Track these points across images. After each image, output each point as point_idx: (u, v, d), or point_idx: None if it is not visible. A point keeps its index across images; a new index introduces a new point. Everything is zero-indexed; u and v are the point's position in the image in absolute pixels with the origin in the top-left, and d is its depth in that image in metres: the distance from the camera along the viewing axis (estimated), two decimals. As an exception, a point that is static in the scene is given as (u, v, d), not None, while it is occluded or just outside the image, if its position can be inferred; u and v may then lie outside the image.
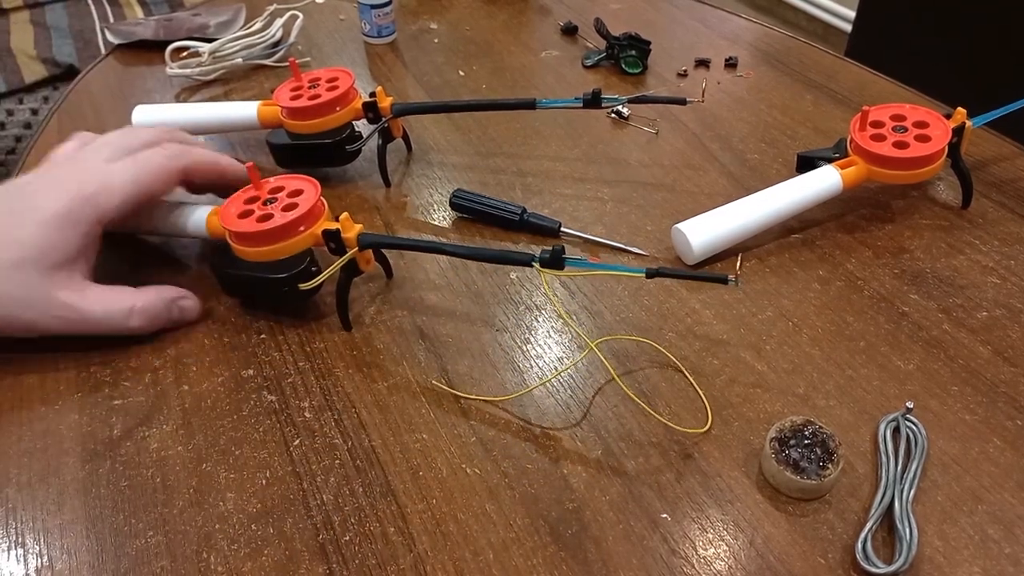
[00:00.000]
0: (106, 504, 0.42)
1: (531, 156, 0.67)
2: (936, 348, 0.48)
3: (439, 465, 0.43)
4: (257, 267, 0.49)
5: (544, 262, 0.43)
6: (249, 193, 0.51)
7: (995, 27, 1.11)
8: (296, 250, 0.49)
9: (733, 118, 0.71)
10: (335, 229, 0.48)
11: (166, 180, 0.52)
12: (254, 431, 0.45)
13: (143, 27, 0.89)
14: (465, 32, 0.89)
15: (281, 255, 0.49)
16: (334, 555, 0.39)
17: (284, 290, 0.49)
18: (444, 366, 0.48)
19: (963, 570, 0.37)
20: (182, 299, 0.51)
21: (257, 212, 0.49)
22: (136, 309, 0.49)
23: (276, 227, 0.48)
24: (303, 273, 0.49)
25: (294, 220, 0.48)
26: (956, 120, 0.56)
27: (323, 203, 0.50)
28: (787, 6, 2.46)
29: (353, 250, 0.48)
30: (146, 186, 0.50)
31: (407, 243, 0.49)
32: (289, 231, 0.48)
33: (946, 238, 0.56)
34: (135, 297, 0.49)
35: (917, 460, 0.41)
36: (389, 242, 0.50)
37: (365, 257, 0.50)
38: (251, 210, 0.50)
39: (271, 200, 0.50)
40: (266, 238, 0.48)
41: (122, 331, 0.49)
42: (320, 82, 0.63)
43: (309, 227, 0.49)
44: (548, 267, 0.43)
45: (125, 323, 0.49)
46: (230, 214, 0.50)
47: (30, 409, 0.47)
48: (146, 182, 0.50)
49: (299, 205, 0.49)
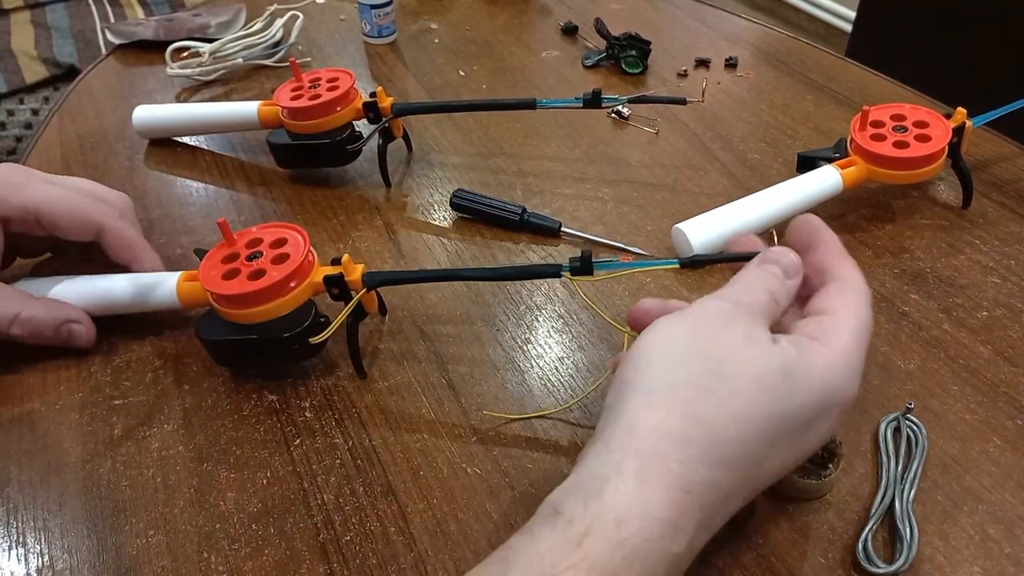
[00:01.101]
0: (107, 504, 0.42)
1: (531, 156, 0.67)
2: (936, 348, 0.48)
3: (440, 465, 0.43)
4: (254, 329, 0.45)
5: (575, 270, 0.41)
6: (224, 251, 0.46)
7: (995, 27, 1.11)
8: (297, 303, 0.45)
9: (733, 118, 0.71)
10: (338, 274, 0.45)
11: (78, 222, 0.50)
12: (255, 431, 0.45)
13: (144, 27, 0.89)
14: (465, 32, 0.89)
15: (282, 311, 0.44)
16: (335, 555, 0.39)
17: (294, 347, 0.45)
18: (444, 365, 0.48)
19: (963, 570, 0.37)
20: (73, 322, 0.49)
21: (244, 270, 0.45)
22: (21, 318, 0.48)
23: (273, 283, 0.44)
24: (312, 326, 0.45)
25: (291, 272, 0.44)
26: (956, 120, 0.56)
27: (312, 253, 0.46)
28: (788, 6, 2.46)
29: (360, 292, 0.45)
30: (57, 211, 0.49)
31: (418, 276, 0.46)
32: (287, 285, 0.44)
33: (946, 238, 0.56)
34: (23, 305, 0.48)
35: (917, 460, 0.41)
36: (398, 277, 0.46)
37: (370, 298, 0.46)
38: (236, 269, 0.45)
39: (255, 255, 0.46)
40: (263, 297, 0.44)
41: (2, 336, 0.48)
42: (321, 82, 0.63)
43: (305, 277, 0.45)
44: (579, 274, 0.41)
45: (6, 328, 0.48)
46: (213, 277, 0.45)
47: (31, 409, 0.47)
48: (59, 208, 0.50)
49: (290, 255, 0.45)
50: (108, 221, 0.51)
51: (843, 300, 0.35)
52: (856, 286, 0.36)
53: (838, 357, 0.33)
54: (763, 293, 0.35)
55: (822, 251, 0.37)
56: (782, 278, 0.36)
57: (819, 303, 0.36)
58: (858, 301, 0.35)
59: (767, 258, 0.37)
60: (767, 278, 0.36)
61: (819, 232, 0.38)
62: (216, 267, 0.46)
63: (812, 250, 0.38)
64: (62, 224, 0.50)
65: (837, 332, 0.34)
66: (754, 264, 0.37)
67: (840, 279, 0.36)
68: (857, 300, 0.35)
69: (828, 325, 0.34)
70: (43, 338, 0.49)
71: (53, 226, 0.50)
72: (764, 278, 0.36)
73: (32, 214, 0.49)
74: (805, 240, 0.38)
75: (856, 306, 0.35)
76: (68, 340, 0.49)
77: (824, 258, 0.37)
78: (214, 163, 0.69)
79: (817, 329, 0.34)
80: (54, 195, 0.50)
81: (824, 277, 0.37)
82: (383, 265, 0.56)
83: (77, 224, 0.50)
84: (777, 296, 0.35)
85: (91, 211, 0.51)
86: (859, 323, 0.34)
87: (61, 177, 0.53)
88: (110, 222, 0.51)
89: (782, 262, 0.36)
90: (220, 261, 0.46)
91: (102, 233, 0.51)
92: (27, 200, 0.49)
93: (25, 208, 0.49)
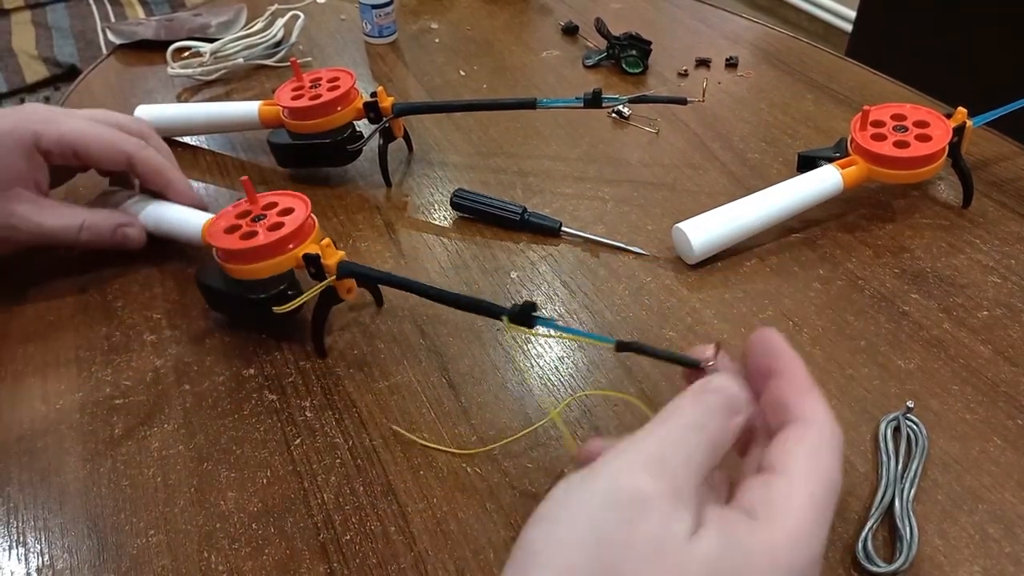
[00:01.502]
0: (107, 503, 0.42)
1: (532, 156, 0.67)
2: (937, 347, 0.48)
3: (440, 464, 0.43)
4: (238, 285, 0.48)
5: (514, 318, 0.40)
6: (242, 207, 0.50)
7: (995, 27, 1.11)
8: (276, 271, 0.47)
9: (734, 118, 0.71)
10: (315, 254, 0.46)
11: (108, 152, 0.55)
12: (255, 430, 0.45)
13: (144, 27, 0.89)
14: (466, 32, 0.89)
15: (261, 275, 0.47)
16: (335, 554, 0.39)
17: (259, 311, 0.48)
18: (445, 365, 0.48)
19: (963, 569, 0.37)
20: (127, 226, 0.55)
21: (244, 228, 0.48)
22: (86, 225, 0.54)
23: (257, 246, 0.46)
24: (279, 296, 0.47)
25: (276, 240, 0.46)
26: (957, 119, 0.56)
27: (313, 222, 0.49)
28: (788, 6, 2.46)
29: (330, 278, 0.47)
30: (88, 142, 0.54)
31: (387, 278, 0.47)
32: (270, 251, 0.47)
33: (947, 237, 0.56)
34: (86, 214, 0.54)
35: (917, 459, 0.41)
36: (368, 273, 0.47)
37: (346, 286, 0.48)
38: (239, 225, 0.48)
39: (260, 217, 0.49)
40: (247, 256, 0.47)
41: (72, 243, 0.54)
42: (321, 82, 0.63)
43: (293, 248, 0.47)
44: (516, 323, 0.40)
45: (76, 236, 0.54)
46: (218, 228, 0.49)
47: (31, 408, 0.47)
48: (90, 139, 0.54)
49: (285, 224, 0.47)
50: (137, 151, 0.55)
51: (801, 456, 0.28)
52: (820, 434, 0.28)
53: (783, 544, 0.25)
54: (699, 449, 0.28)
55: (783, 383, 0.30)
56: (725, 416, 0.29)
57: (773, 454, 0.28)
58: (821, 456, 0.28)
59: (709, 387, 0.30)
60: (707, 417, 0.29)
61: (780, 357, 0.31)
62: (228, 220, 0.49)
63: (772, 379, 0.31)
64: (95, 155, 0.55)
65: (788, 505, 0.26)
66: (693, 395, 0.30)
67: (801, 423, 0.29)
68: (820, 455, 0.28)
69: (778, 493, 0.27)
70: (103, 241, 0.55)
71: (87, 156, 0.54)
72: (703, 418, 0.29)
73: (68, 147, 0.54)
74: (763, 364, 0.31)
75: (818, 464, 0.27)
76: (123, 242, 0.55)
77: (784, 393, 0.30)
78: (215, 163, 0.69)
79: (763, 497, 0.27)
80: (86, 128, 0.54)
81: (784, 415, 0.29)
82: (383, 265, 0.56)
83: (109, 155, 0.55)
84: (717, 442, 0.28)
85: (120, 142, 0.55)
86: (820, 488, 0.27)
87: (81, 111, 0.57)
88: (139, 152, 0.56)
89: (726, 393, 0.30)
90: (234, 216, 0.50)
91: (132, 162, 0.55)
92: (63, 132, 0.53)
93: (61, 141, 0.53)
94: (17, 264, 0.57)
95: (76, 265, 0.57)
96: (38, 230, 0.53)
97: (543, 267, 0.55)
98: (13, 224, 0.52)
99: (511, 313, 0.40)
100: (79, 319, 0.53)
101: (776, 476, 0.27)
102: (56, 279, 0.56)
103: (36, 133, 0.53)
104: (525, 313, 0.40)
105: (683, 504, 0.26)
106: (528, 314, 0.40)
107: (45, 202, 0.54)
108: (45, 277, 0.57)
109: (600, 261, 0.56)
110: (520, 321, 0.40)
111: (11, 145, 0.52)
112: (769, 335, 0.31)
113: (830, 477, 0.27)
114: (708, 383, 0.30)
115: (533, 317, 0.40)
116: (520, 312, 0.40)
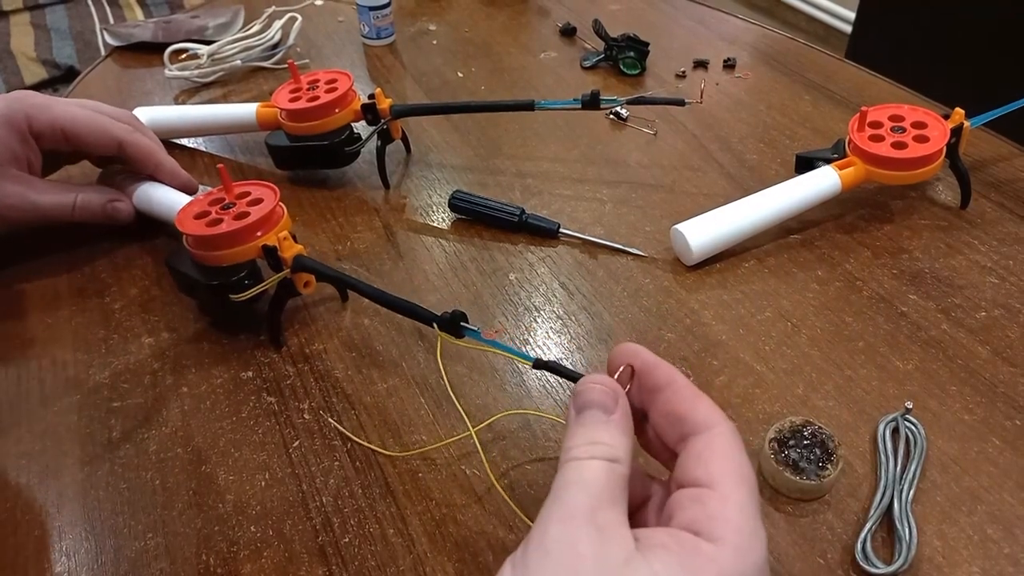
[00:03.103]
0: (105, 506, 0.42)
1: (530, 157, 0.67)
2: (935, 348, 0.48)
3: (438, 466, 0.43)
4: (202, 271, 0.49)
5: (442, 326, 0.41)
6: (215, 195, 0.51)
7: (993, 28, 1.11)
8: (237, 260, 0.48)
9: (732, 119, 0.71)
10: (272, 246, 0.47)
11: (99, 137, 0.56)
12: (253, 433, 0.45)
13: (142, 29, 0.89)
14: (464, 33, 0.89)
15: (223, 262, 0.48)
16: (334, 557, 0.39)
17: (216, 298, 0.48)
18: (443, 366, 0.48)
19: (962, 570, 0.37)
20: (116, 201, 0.57)
21: (213, 215, 0.49)
22: (79, 202, 0.56)
23: (220, 234, 0.47)
24: (237, 284, 0.48)
25: (238, 229, 0.47)
26: (954, 120, 0.56)
27: (282, 211, 0.50)
28: (787, 8, 2.46)
29: (285, 271, 0.47)
30: (79, 127, 0.55)
31: (336, 276, 0.48)
32: (232, 240, 0.47)
33: (945, 238, 0.56)
34: (78, 191, 0.56)
35: (916, 460, 0.41)
36: (320, 270, 0.48)
37: (302, 279, 0.48)
38: (208, 212, 0.49)
39: (230, 205, 0.50)
40: (210, 244, 0.48)
41: (66, 219, 0.56)
42: (319, 84, 0.63)
43: (257, 237, 0.48)
44: (445, 331, 0.41)
45: (71, 213, 0.56)
46: (188, 214, 0.50)
47: (29, 411, 0.47)
48: (81, 124, 0.55)
49: (251, 214, 0.48)
50: (126, 135, 0.57)
51: (721, 465, 0.28)
52: (724, 438, 0.29)
53: (731, 559, 0.25)
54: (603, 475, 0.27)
55: (670, 396, 0.30)
56: (605, 422, 0.29)
57: (690, 469, 0.28)
58: (735, 459, 0.28)
59: (579, 402, 0.30)
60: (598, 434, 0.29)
61: (657, 370, 0.31)
62: (200, 207, 0.50)
63: (658, 393, 0.31)
64: (85, 139, 0.56)
65: (726, 516, 0.26)
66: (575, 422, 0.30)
67: (704, 432, 0.29)
68: (733, 458, 0.28)
69: (713, 507, 0.27)
70: (96, 216, 0.56)
71: (78, 140, 0.56)
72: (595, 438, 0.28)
73: (60, 130, 0.55)
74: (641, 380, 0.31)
75: (735, 468, 0.28)
76: (113, 215, 0.57)
77: (674, 405, 0.30)
78: (212, 165, 0.69)
79: (701, 514, 0.27)
80: (77, 113, 0.56)
81: (682, 427, 0.30)
82: (381, 267, 0.56)
83: (99, 139, 0.56)
84: (615, 455, 0.28)
85: (111, 127, 0.57)
86: (745, 491, 0.27)
87: (71, 100, 0.59)
88: (128, 136, 0.57)
89: (594, 400, 0.30)
90: (207, 203, 0.51)
91: (122, 147, 0.57)
92: (56, 116, 0.55)
93: (53, 124, 0.55)
94: (16, 265, 0.57)
95: (75, 266, 0.57)
96: (32, 208, 0.54)
97: (541, 269, 0.55)
98: (8, 203, 0.53)
99: (441, 321, 0.41)
100: (76, 321, 0.53)
101: (705, 491, 0.27)
102: (54, 281, 0.56)
103: (29, 116, 0.54)
104: (454, 322, 0.40)
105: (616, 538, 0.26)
106: (456, 323, 0.40)
107: (38, 182, 0.56)
108: (43, 279, 0.57)
109: (598, 262, 0.56)
110: (449, 330, 0.41)
111: (4, 126, 0.53)
112: (634, 350, 0.32)
113: (748, 476, 0.28)
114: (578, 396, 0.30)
115: (461, 327, 0.40)
116: (449, 321, 0.40)
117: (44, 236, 0.59)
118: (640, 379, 0.31)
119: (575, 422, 0.30)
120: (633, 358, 0.32)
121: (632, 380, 0.32)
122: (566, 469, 0.28)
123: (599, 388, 0.30)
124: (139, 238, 0.60)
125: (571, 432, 0.29)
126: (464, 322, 0.40)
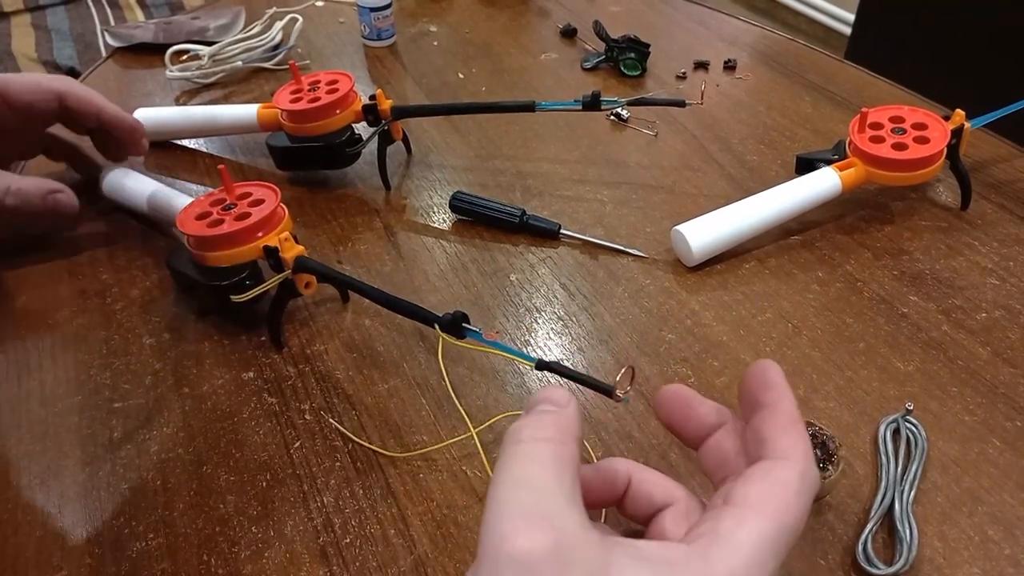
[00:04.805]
0: (106, 507, 0.42)
1: (531, 158, 0.67)
2: (935, 349, 0.48)
3: (439, 467, 0.43)
4: (202, 271, 0.49)
5: (444, 327, 0.41)
6: (217, 196, 0.51)
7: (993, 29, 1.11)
8: (238, 260, 0.48)
9: (732, 120, 0.71)
10: (274, 247, 0.47)
11: (39, 91, 0.56)
12: (254, 433, 0.45)
13: (143, 30, 0.89)
14: (464, 34, 0.89)
15: (223, 263, 0.48)
16: (335, 557, 0.39)
17: (217, 298, 0.49)
18: (444, 367, 0.48)
19: (963, 571, 0.37)
20: (57, 192, 0.55)
21: (214, 216, 0.49)
22: (12, 190, 0.53)
23: (221, 234, 0.47)
24: (238, 284, 0.48)
25: (240, 230, 0.47)
26: (955, 122, 0.56)
27: (283, 212, 0.50)
28: (787, 9, 2.46)
29: (286, 272, 0.47)
30: (13, 85, 0.55)
31: (338, 276, 0.48)
32: (233, 240, 0.48)
33: (945, 239, 0.56)
34: (13, 179, 0.54)
35: (917, 461, 0.41)
36: (321, 271, 0.48)
37: (303, 280, 0.48)
38: (210, 212, 0.50)
39: (232, 206, 0.50)
40: (212, 244, 0.48)
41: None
42: (320, 85, 0.63)
43: (259, 238, 0.48)
44: (447, 332, 0.41)
45: (2, 200, 0.53)
46: (190, 214, 0.50)
47: (30, 412, 0.47)
48: (14, 82, 0.55)
49: (252, 215, 0.48)
50: (65, 86, 0.56)
51: (762, 490, 0.25)
52: (789, 471, 0.26)
53: None
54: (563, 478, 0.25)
55: (767, 417, 0.28)
56: (557, 426, 0.27)
57: (737, 487, 0.26)
58: (784, 494, 0.25)
59: (530, 402, 0.29)
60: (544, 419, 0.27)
61: (772, 390, 0.29)
62: (202, 207, 0.50)
63: (757, 411, 0.29)
64: (25, 96, 0.55)
65: (732, 542, 0.24)
66: (524, 414, 0.28)
67: (772, 460, 0.27)
68: (783, 492, 0.25)
69: (726, 528, 0.24)
70: (33, 207, 0.54)
71: (19, 99, 0.55)
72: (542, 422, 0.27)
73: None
74: (755, 394, 0.29)
75: (776, 500, 0.25)
76: (55, 208, 0.55)
77: (765, 428, 0.28)
78: (213, 166, 0.69)
79: (710, 530, 0.25)
80: (12, 75, 0.56)
81: (761, 451, 0.27)
82: (382, 268, 0.56)
83: (38, 94, 0.56)
84: (563, 441, 0.26)
85: (48, 81, 0.56)
86: (773, 525, 0.24)
87: None
88: (67, 87, 0.56)
89: (553, 399, 0.28)
90: (208, 204, 0.51)
91: (64, 98, 0.56)
92: None
93: None
94: (17, 267, 0.57)
95: (76, 268, 0.57)
96: None
97: (542, 269, 0.55)
98: None
99: (442, 322, 0.41)
100: (78, 322, 0.53)
101: (729, 507, 0.25)
102: (54, 282, 0.56)
103: None
104: (456, 323, 0.40)
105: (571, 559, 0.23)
106: (459, 325, 0.40)
107: None
108: (43, 280, 0.57)
109: (599, 263, 0.56)
110: (450, 331, 0.41)
111: None
112: (766, 367, 0.30)
113: (790, 517, 0.25)
114: (531, 408, 0.28)
115: (464, 328, 0.40)
116: (451, 321, 0.40)
117: (46, 238, 0.59)
118: (753, 393, 0.29)
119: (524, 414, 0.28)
120: (764, 373, 0.29)
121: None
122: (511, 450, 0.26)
123: (553, 387, 0.29)
124: (140, 239, 0.60)
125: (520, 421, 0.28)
126: (466, 323, 0.41)
